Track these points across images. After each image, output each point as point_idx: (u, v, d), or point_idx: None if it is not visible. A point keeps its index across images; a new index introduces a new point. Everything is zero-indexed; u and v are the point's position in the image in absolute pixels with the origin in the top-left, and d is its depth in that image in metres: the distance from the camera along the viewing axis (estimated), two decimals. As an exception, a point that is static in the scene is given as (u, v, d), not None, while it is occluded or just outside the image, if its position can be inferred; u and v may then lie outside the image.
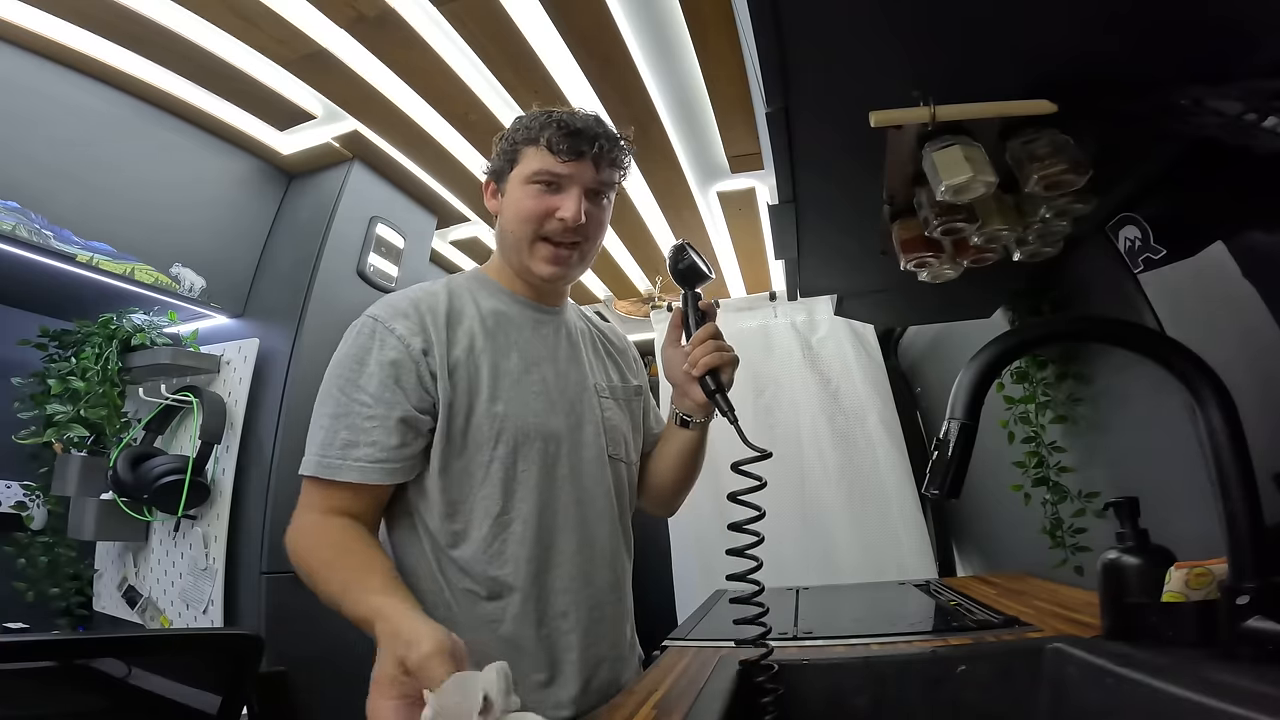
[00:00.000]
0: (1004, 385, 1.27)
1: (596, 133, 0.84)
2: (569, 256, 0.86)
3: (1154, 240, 0.84)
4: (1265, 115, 0.51)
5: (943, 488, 0.60)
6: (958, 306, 1.31)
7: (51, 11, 1.23)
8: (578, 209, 0.83)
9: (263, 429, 1.56)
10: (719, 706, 0.64)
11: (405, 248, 1.92)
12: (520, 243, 0.86)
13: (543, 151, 0.83)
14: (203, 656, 0.63)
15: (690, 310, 0.87)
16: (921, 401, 2.31)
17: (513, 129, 0.88)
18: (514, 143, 0.87)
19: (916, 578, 1.76)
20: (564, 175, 0.83)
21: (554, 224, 0.84)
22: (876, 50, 0.62)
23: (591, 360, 0.96)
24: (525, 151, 0.85)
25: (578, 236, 0.86)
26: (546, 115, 0.85)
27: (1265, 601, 0.52)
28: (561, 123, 0.83)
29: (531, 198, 0.84)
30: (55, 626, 1.62)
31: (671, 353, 0.90)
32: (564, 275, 0.88)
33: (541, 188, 0.84)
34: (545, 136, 0.83)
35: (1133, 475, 1.03)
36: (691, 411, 0.91)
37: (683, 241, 0.87)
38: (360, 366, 0.77)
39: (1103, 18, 0.56)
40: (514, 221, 0.86)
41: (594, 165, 0.84)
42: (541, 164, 0.83)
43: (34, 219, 1.31)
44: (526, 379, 0.85)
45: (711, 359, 0.82)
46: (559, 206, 0.83)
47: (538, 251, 0.85)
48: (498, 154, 0.90)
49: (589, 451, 0.88)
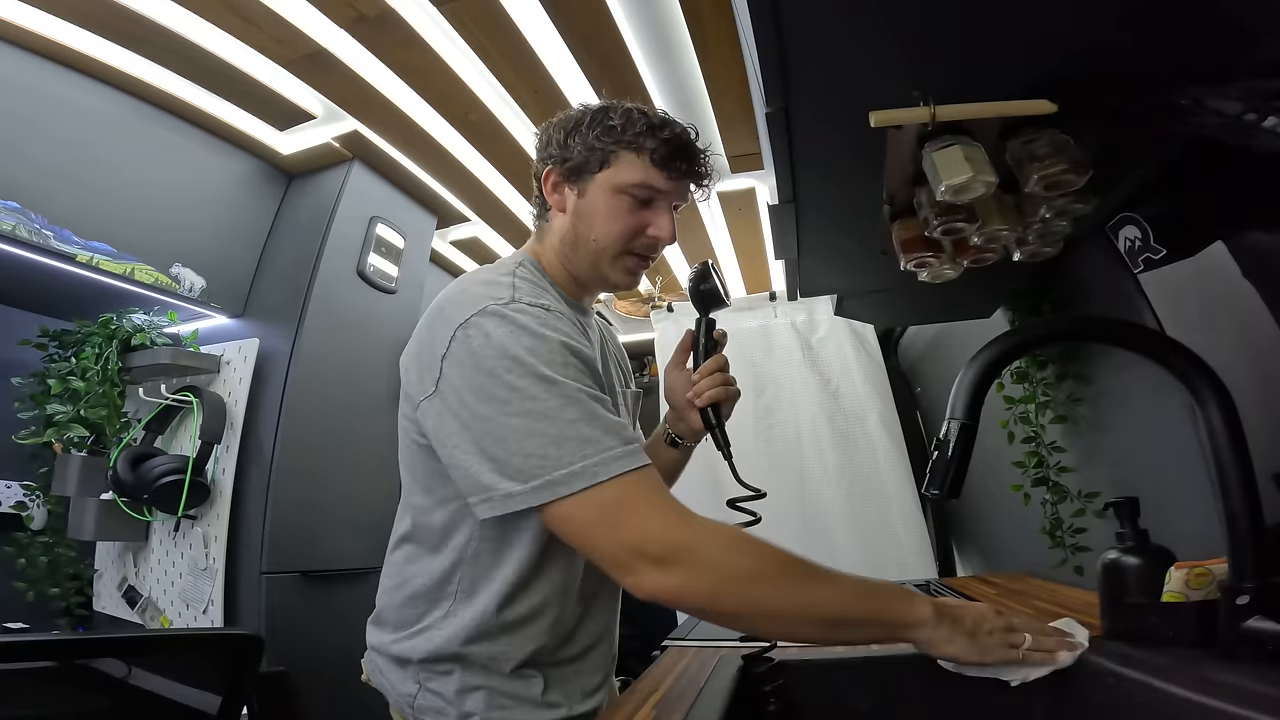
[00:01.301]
0: (1004, 385, 1.27)
1: (699, 151, 0.81)
2: (644, 266, 0.83)
3: (1154, 240, 0.84)
4: (1265, 115, 0.51)
5: (943, 488, 0.60)
6: (958, 306, 1.31)
7: (51, 11, 1.23)
8: (672, 229, 0.79)
9: (263, 429, 1.56)
10: (719, 706, 0.64)
11: (405, 248, 1.92)
12: (603, 252, 0.80)
13: (645, 163, 0.77)
14: (203, 656, 0.64)
15: (702, 337, 0.85)
16: (921, 401, 2.31)
17: (604, 124, 0.78)
18: (607, 141, 0.78)
19: (916, 578, 1.76)
20: (664, 192, 0.78)
21: (645, 240, 0.79)
22: (876, 50, 0.62)
23: (615, 364, 0.96)
24: (623, 156, 0.78)
25: (658, 250, 0.83)
26: (646, 121, 0.78)
27: (1265, 601, 0.52)
28: (669, 136, 0.78)
29: (626, 211, 0.78)
30: (55, 626, 1.62)
31: (676, 376, 0.88)
32: (635, 283, 0.85)
33: (634, 200, 0.78)
34: (651, 146, 0.77)
35: (1133, 475, 1.03)
36: (684, 435, 0.92)
37: (708, 261, 0.83)
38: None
39: (1114, 15, 0.56)
40: (601, 230, 0.79)
41: (692, 184, 0.82)
42: (644, 177, 0.77)
43: (34, 219, 1.31)
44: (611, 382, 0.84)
45: (716, 393, 0.80)
46: (651, 224, 0.79)
47: (621, 263, 0.81)
48: (582, 146, 0.78)
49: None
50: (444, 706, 0.71)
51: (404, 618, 0.77)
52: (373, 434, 1.74)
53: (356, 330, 1.75)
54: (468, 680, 0.71)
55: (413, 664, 0.74)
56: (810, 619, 0.60)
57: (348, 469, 1.67)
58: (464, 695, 0.71)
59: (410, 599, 0.76)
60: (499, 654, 0.72)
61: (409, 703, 0.73)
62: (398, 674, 0.76)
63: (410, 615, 0.76)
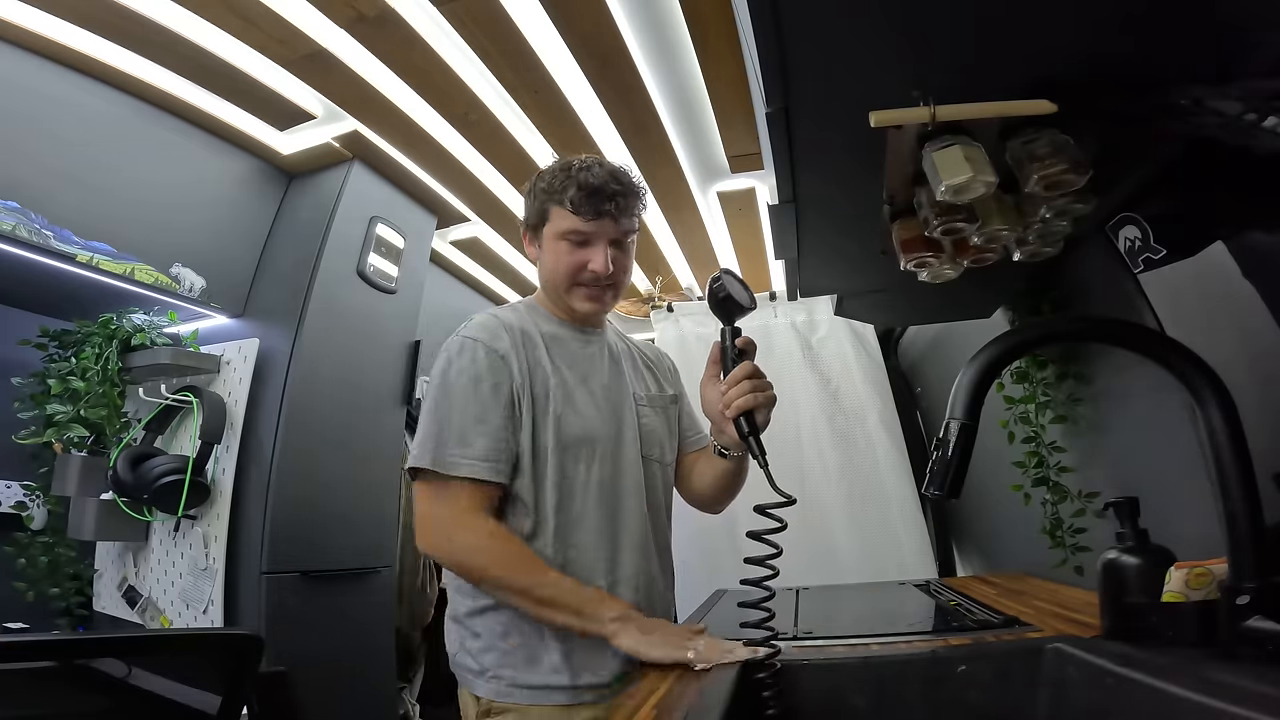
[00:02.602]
0: (1004, 385, 1.27)
1: (614, 190, 0.94)
2: (603, 295, 0.99)
3: (1154, 240, 0.84)
4: (1265, 115, 0.51)
5: (943, 488, 0.60)
6: (958, 306, 1.31)
7: (52, 11, 1.23)
8: (604, 262, 0.95)
9: (263, 429, 1.56)
10: (719, 707, 0.64)
11: (405, 248, 1.92)
12: (558, 288, 0.99)
13: (568, 212, 0.94)
14: (203, 656, 0.64)
15: (729, 346, 0.85)
16: (921, 401, 2.31)
17: (537, 185, 0.99)
18: (541, 201, 0.98)
19: (916, 578, 1.76)
20: (589, 233, 0.95)
21: (587, 275, 0.96)
22: (877, 50, 0.62)
23: (630, 373, 1.06)
24: (553, 210, 0.96)
25: (609, 282, 0.98)
26: (566, 174, 0.95)
27: (1265, 601, 0.52)
28: (581, 183, 0.93)
29: (565, 254, 0.96)
30: (55, 626, 1.62)
31: (709, 390, 0.89)
32: (601, 310, 1.01)
33: (571, 244, 0.95)
34: (568, 197, 0.93)
35: (1133, 475, 1.03)
36: (728, 446, 0.96)
37: (724, 270, 0.84)
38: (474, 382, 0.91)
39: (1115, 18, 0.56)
40: (552, 272, 0.98)
41: (614, 220, 0.95)
42: (569, 224, 0.94)
43: (34, 219, 1.31)
44: (582, 389, 0.96)
45: (745, 401, 0.81)
46: (588, 260, 0.95)
47: (575, 294, 0.98)
48: (529, 209, 1.01)
49: (628, 452, 0.98)
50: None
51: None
52: (373, 434, 1.74)
53: (356, 330, 1.75)
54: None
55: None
56: (528, 598, 0.84)
57: (348, 469, 1.66)
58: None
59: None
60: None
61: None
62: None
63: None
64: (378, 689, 1.68)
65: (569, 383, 0.96)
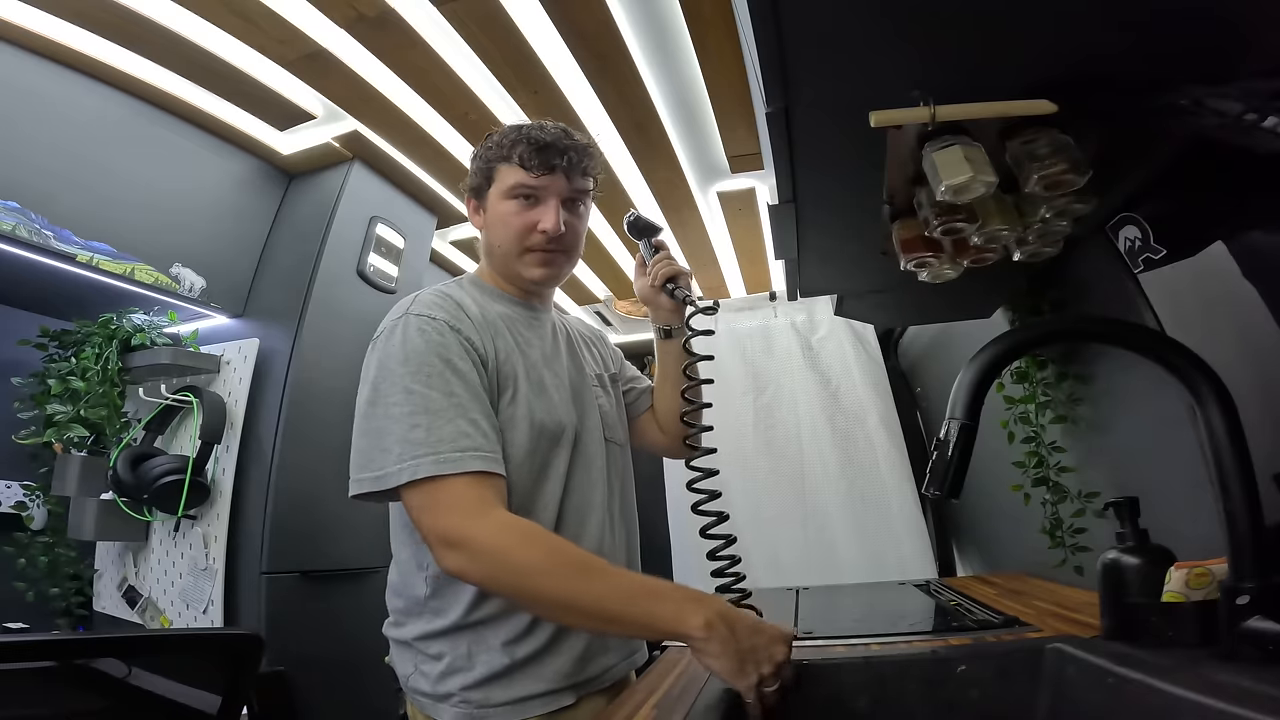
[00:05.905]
0: (1004, 385, 1.27)
1: (565, 145, 0.88)
2: (555, 258, 0.92)
3: (1154, 240, 0.84)
4: (1265, 115, 0.51)
5: (943, 488, 0.60)
6: (958, 306, 1.31)
7: (51, 11, 1.23)
8: (557, 220, 0.88)
9: (263, 429, 1.56)
10: (719, 707, 0.64)
11: (405, 248, 1.92)
12: (508, 254, 0.91)
13: (516, 168, 0.88)
14: (203, 656, 0.63)
15: (646, 250, 1.04)
16: (921, 401, 2.31)
17: (485, 147, 0.92)
18: (488, 160, 0.91)
19: (916, 578, 1.76)
20: (539, 188, 0.88)
21: (537, 236, 0.89)
22: (877, 50, 0.62)
23: (583, 353, 1.02)
24: (500, 168, 0.90)
25: (560, 245, 0.91)
26: (516, 131, 0.89)
27: (1265, 601, 0.52)
28: (531, 138, 0.87)
29: (513, 214, 0.89)
30: (55, 626, 1.62)
31: (640, 282, 1.06)
32: (554, 276, 0.94)
33: (520, 202, 0.89)
34: (517, 153, 0.87)
35: (1133, 475, 1.03)
36: (668, 321, 1.06)
37: (633, 211, 1.06)
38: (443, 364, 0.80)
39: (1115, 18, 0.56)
40: (500, 236, 0.91)
41: (566, 176, 0.89)
42: (517, 179, 0.88)
43: (34, 219, 1.31)
44: (549, 374, 0.90)
45: (665, 268, 1.00)
46: (539, 219, 0.88)
47: (525, 260, 0.91)
48: (474, 172, 0.94)
49: (593, 436, 0.93)
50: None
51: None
52: (373, 434, 1.73)
53: (356, 330, 1.75)
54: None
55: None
56: (578, 611, 0.69)
57: (347, 469, 1.66)
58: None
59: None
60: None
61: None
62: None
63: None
64: (377, 689, 1.68)
65: (536, 367, 0.88)
